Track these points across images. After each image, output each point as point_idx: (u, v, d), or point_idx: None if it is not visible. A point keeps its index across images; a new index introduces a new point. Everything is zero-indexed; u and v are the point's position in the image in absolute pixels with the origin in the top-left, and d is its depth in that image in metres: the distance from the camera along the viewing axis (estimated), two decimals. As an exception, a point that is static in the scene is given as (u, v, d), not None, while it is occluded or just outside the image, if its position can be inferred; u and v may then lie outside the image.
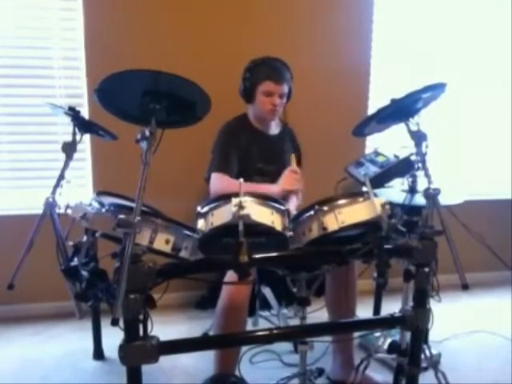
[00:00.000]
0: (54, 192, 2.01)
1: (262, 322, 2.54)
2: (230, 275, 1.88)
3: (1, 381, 2.21)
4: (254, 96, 2.23)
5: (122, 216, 1.28)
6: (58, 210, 2.00)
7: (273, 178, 2.24)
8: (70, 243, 1.88)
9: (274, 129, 2.38)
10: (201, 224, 1.45)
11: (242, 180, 1.40)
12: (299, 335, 1.68)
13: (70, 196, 1.94)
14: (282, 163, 2.30)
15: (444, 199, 1.60)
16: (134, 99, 1.44)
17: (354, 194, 1.54)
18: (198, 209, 1.48)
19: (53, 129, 2.75)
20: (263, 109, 2.23)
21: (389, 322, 1.69)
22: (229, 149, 2.24)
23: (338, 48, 2.95)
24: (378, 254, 1.49)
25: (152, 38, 2.69)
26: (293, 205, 2.19)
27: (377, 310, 2.65)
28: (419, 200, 2.06)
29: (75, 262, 1.84)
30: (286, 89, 2.22)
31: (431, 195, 1.54)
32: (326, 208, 1.48)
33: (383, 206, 1.45)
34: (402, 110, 1.61)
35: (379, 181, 2.29)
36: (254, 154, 2.27)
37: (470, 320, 2.79)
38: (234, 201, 1.35)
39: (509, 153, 3.35)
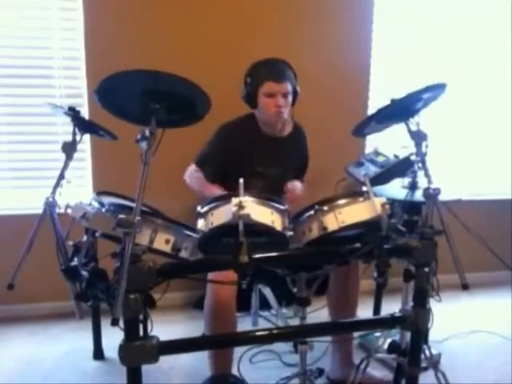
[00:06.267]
0: (53, 192, 2.00)
1: (262, 322, 2.54)
2: (214, 274, 1.87)
3: (1, 381, 2.21)
4: (257, 100, 2.14)
5: (121, 216, 1.28)
6: (57, 210, 1.99)
7: (275, 181, 2.19)
8: (70, 243, 1.88)
9: (283, 130, 2.27)
10: (201, 224, 1.46)
11: (241, 180, 1.40)
12: (299, 335, 1.68)
13: (70, 196, 1.93)
14: (287, 166, 2.25)
15: (443, 196, 1.60)
16: (134, 99, 1.44)
17: (354, 193, 1.54)
18: (198, 209, 1.48)
19: (53, 129, 2.75)
20: (268, 112, 2.13)
21: (389, 322, 1.69)
22: (218, 153, 2.21)
23: (338, 48, 2.95)
24: (378, 254, 1.49)
25: (152, 37, 2.69)
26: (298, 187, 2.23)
27: (377, 310, 2.65)
28: (419, 196, 2.07)
29: (75, 262, 1.84)
30: (288, 87, 2.11)
31: (431, 195, 1.54)
32: (325, 208, 1.48)
33: (383, 205, 1.45)
34: (401, 110, 1.61)
35: (379, 181, 2.30)
36: (253, 157, 2.19)
37: (470, 320, 2.79)
38: (234, 200, 1.35)
39: (509, 153, 3.35)
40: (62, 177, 2.02)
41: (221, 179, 2.22)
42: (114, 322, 1.24)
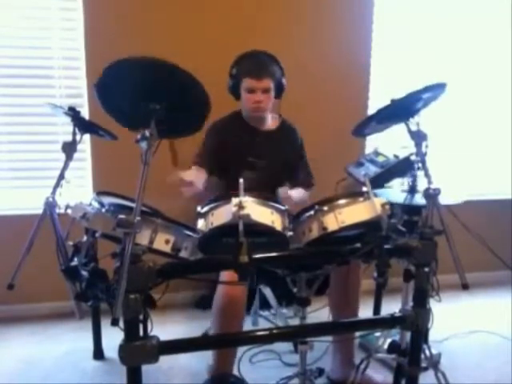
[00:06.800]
0: (53, 192, 2.01)
1: (262, 322, 2.55)
2: (226, 273, 1.88)
3: (1, 381, 2.21)
4: (239, 93, 2.21)
5: (121, 216, 1.28)
6: (58, 210, 2.00)
7: (263, 172, 2.23)
8: (70, 243, 1.88)
9: (270, 124, 2.34)
10: (201, 224, 1.46)
11: (241, 180, 1.40)
12: (299, 335, 1.68)
13: (69, 196, 1.94)
14: (274, 159, 2.28)
15: (444, 199, 1.60)
16: (134, 98, 1.43)
17: (354, 193, 1.54)
18: (198, 209, 1.48)
19: (53, 129, 2.75)
20: (247, 106, 2.22)
21: (389, 322, 1.68)
22: (209, 149, 2.25)
23: (338, 48, 2.95)
24: (378, 254, 1.49)
25: (152, 37, 2.69)
26: (297, 193, 2.19)
27: (377, 309, 2.65)
28: (419, 200, 2.07)
29: (75, 261, 1.84)
30: (269, 83, 2.15)
31: (431, 195, 1.54)
32: (325, 208, 1.48)
33: (383, 205, 1.45)
34: (401, 110, 1.61)
35: (379, 181, 2.30)
36: (244, 148, 2.26)
37: (470, 320, 2.79)
38: (234, 201, 1.35)
39: (509, 153, 3.35)
40: (61, 177, 2.02)
41: (219, 175, 2.31)
42: (114, 322, 1.24)
